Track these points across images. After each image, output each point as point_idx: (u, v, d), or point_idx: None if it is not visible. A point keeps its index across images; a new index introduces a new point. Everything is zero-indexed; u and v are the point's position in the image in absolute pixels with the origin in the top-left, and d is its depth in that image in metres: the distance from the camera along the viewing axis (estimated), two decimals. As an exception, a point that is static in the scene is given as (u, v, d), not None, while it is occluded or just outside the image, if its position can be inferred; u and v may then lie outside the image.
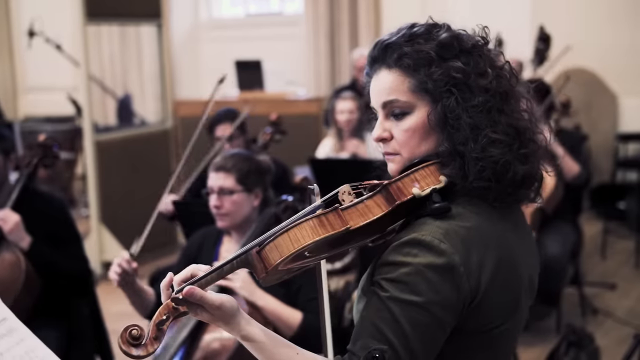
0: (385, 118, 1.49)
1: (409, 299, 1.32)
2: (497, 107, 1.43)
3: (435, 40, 1.45)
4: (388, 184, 1.40)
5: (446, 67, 1.43)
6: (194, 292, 1.35)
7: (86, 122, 6.01)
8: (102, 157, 6.05)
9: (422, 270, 1.33)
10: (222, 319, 1.38)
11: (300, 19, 8.72)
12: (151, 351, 1.32)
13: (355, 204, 1.39)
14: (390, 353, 1.30)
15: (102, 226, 6.07)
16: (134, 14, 6.43)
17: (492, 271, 1.38)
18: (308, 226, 1.36)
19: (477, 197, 1.42)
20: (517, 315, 1.46)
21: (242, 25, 9.35)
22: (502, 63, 1.49)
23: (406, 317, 1.32)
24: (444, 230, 1.36)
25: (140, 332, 1.32)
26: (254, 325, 1.40)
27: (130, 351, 1.31)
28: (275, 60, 8.38)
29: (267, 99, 7.55)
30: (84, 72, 5.87)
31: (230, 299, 1.38)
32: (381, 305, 1.34)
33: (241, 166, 2.78)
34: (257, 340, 1.39)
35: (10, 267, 3.18)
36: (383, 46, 1.48)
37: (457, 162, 1.41)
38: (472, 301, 1.37)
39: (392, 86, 1.46)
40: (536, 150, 1.46)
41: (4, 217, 3.17)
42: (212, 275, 1.38)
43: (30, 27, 6.91)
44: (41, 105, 9.53)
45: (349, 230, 1.36)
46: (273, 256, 1.36)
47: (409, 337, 1.32)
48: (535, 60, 5.57)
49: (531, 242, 1.57)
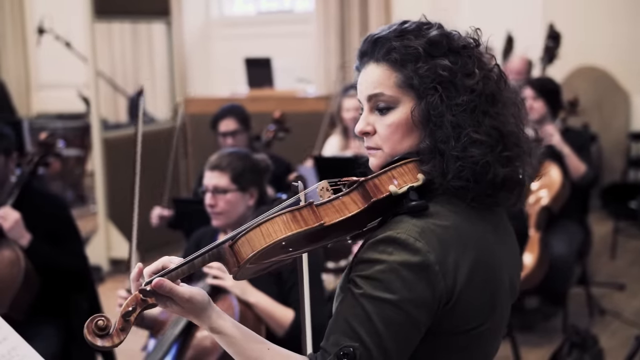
0: (369, 112, 1.49)
1: (383, 297, 1.31)
2: (483, 108, 1.42)
3: (425, 37, 1.44)
4: (365, 180, 1.40)
5: (433, 64, 1.42)
6: (163, 284, 1.35)
7: (94, 118, 6.04)
8: (110, 154, 6.06)
9: (396, 268, 1.32)
10: (192, 312, 1.38)
11: (311, 16, 8.70)
12: (116, 342, 1.32)
13: (330, 200, 1.39)
14: (361, 350, 1.30)
15: (110, 223, 6.09)
16: (142, 12, 6.46)
17: (469, 271, 1.37)
18: (281, 221, 1.35)
19: (455, 197, 1.41)
20: (495, 316, 1.44)
21: (253, 23, 9.36)
22: (492, 66, 1.49)
23: (379, 315, 1.31)
24: (420, 229, 1.35)
25: (107, 323, 1.32)
26: (226, 319, 1.40)
27: (95, 341, 1.32)
28: (285, 57, 8.37)
29: (277, 97, 7.54)
30: (92, 69, 5.90)
31: (200, 292, 1.39)
32: (355, 302, 1.33)
33: (236, 165, 2.77)
34: (228, 334, 1.39)
35: (9, 265, 3.19)
36: (372, 40, 1.48)
37: (437, 160, 1.40)
38: (447, 301, 1.36)
39: (378, 80, 1.46)
40: (520, 155, 1.45)
41: (4, 215, 3.18)
42: (183, 268, 1.38)
43: (39, 25, 6.94)
44: (53, 102, 9.58)
45: (324, 226, 1.36)
46: (245, 250, 1.36)
47: (381, 335, 1.31)
48: (544, 58, 5.52)
49: (513, 244, 1.55)
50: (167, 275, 1.37)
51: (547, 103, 4.57)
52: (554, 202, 4.52)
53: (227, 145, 4.17)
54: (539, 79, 4.96)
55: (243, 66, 7.86)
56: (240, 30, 9.21)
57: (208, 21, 9.53)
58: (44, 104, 9.87)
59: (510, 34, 6.52)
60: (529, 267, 4.33)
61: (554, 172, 4.52)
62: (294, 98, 7.60)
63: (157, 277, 1.36)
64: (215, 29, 9.49)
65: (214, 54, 9.38)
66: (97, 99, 6.04)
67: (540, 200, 4.52)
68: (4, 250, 3.20)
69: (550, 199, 4.51)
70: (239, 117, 4.30)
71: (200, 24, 9.51)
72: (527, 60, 5.68)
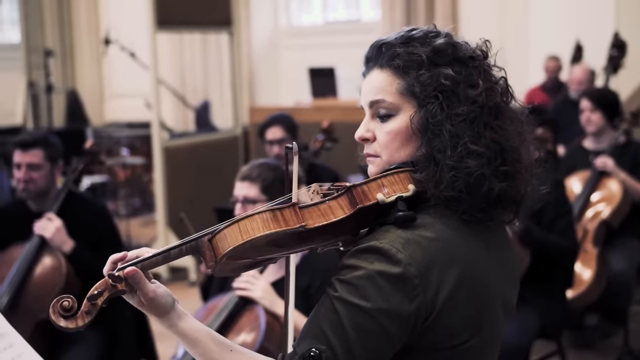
0: (370, 118, 1.46)
1: (356, 303, 1.29)
2: (484, 120, 1.39)
3: (431, 45, 1.42)
4: (353, 186, 1.37)
5: (436, 73, 1.40)
6: (135, 275, 1.36)
7: (155, 127, 6.13)
8: (170, 163, 6.15)
9: (374, 277, 1.30)
10: (152, 311, 1.41)
11: (377, 25, 8.68)
12: (80, 324, 1.32)
13: (316, 203, 1.37)
14: (328, 354, 1.29)
15: (169, 231, 6.16)
16: (204, 22, 6.53)
17: (453, 286, 1.33)
18: (260, 219, 1.33)
19: (447, 209, 1.37)
20: (482, 334, 1.39)
21: (319, 33, 9.38)
22: (498, 78, 1.45)
23: (351, 320, 1.29)
24: (404, 240, 1.32)
25: (72, 304, 1.33)
26: (187, 321, 1.41)
27: (58, 321, 1.32)
28: (351, 67, 8.35)
29: (341, 106, 7.53)
30: (153, 78, 6.01)
31: (166, 296, 1.40)
32: (330, 306, 1.32)
33: (266, 176, 2.76)
34: (189, 336, 1.40)
35: (51, 270, 3.26)
36: (378, 46, 1.46)
37: (431, 169, 1.37)
38: (427, 316, 1.32)
39: (380, 86, 1.44)
40: (521, 171, 1.41)
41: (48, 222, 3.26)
42: (158, 258, 1.39)
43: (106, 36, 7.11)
44: (124, 111, 9.80)
45: (306, 228, 1.34)
46: (222, 245, 1.34)
47: (350, 340, 1.29)
48: (608, 68, 5.34)
49: (510, 263, 1.50)
50: (141, 263, 1.37)
51: (605, 115, 4.42)
52: (614, 217, 4.37)
53: (273, 153, 4.19)
54: (596, 89, 4.81)
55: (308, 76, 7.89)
56: (307, 40, 9.24)
57: (276, 31, 9.60)
58: (116, 113, 10.11)
59: (579, 42, 6.36)
60: (586, 283, 4.20)
61: (614, 186, 4.37)
62: (358, 108, 7.55)
63: (131, 264, 1.37)
64: (283, 39, 9.55)
65: (280, 64, 9.44)
66: (157, 107, 6.13)
67: (600, 215, 4.37)
68: (46, 256, 3.27)
69: (609, 213, 4.36)
70: (286, 125, 4.31)
71: (268, 33, 9.58)
72: (589, 70, 5.52)
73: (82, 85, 10.17)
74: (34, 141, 3.34)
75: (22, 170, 3.31)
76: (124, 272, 1.36)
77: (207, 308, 2.77)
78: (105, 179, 7.21)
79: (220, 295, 2.80)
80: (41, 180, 3.32)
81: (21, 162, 3.31)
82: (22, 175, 3.30)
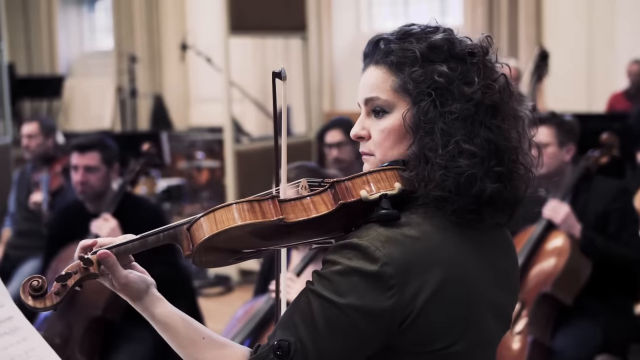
0: (366, 116, 1.44)
1: (329, 297, 1.28)
2: (480, 118, 1.35)
3: (427, 41, 1.39)
4: (336, 182, 1.35)
5: (430, 69, 1.36)
6: (107, 258, 1.38)
7: (227, 131, 6.22)
8: (242, 166, 6.22)
9: (349, 273, 1.28)
10: (125, 295, 1.42)
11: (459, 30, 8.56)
12: (48, 305, 1.34)
13: (299, 198, 1.35)
14: (297, 346, 1.27)
15: (240, 234, 6.23)
16: (277, 28, 6.58)
17: (435, 287, 1.29)
18: (236, 209, 1.32)
19: (435, 208, 1.34)
20: (470, 338, 1.34)
21: (400, 38, 9.32)
22: (497, 75, 1.40)
23: (323, 315, 1.28)
24: (385, 238, 1.29)
25: (42, 284, 1.35)
26: (161, 306, 1.42)
27: (27, 300, 1.35)
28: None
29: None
30: (225, 81, 6.11)
31: (139, 282, 1.41)
32: (305, 298, 1.31)
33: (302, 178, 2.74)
34: (162, 321, 1.41)
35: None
36: (374, 41, 1.44)
37: (421, 167, 1.34)
38: (406, 317, 1.28)
39: (375, 83, 1.41)
40: (519, 172, 1.36)
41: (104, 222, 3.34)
42: (135, 244, 1.40)
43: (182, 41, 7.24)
44: (209, 115, 9.96)
45: (285, 222, 1.32)
46: (198, 234, 1.34)
47: (320, 334, 1.28)
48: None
49: (506, 267, 1.45)
50: (116, 248, 1.39)
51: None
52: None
53: (332, 156, 4.17)
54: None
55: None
56: (387, 45, 9.19)
57: (358, 36, 9.59)
58: (200, 118, 10.29)
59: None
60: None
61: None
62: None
63: (105, 248, 1.39)
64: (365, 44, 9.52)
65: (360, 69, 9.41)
66: (229, 111, 6.22)
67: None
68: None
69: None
70: (346, 128, 4.28)
71: (350, 39, 9.58)
72: None
73: (167, 91, 10.40)
74: (91, 144, 3.43)
75: (79, 173, 3.40)
76: (97, 255, 1.37)
77: (244, 309, 2.77)
78: (181, 181, 7.35)
79: (259, 297, 2.80)
80: (97, 182, 3.41)
81: (78, 164, 3.40)
82: (79, 177, 3.40)
